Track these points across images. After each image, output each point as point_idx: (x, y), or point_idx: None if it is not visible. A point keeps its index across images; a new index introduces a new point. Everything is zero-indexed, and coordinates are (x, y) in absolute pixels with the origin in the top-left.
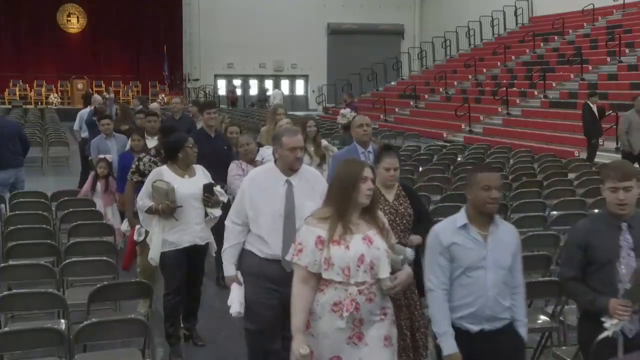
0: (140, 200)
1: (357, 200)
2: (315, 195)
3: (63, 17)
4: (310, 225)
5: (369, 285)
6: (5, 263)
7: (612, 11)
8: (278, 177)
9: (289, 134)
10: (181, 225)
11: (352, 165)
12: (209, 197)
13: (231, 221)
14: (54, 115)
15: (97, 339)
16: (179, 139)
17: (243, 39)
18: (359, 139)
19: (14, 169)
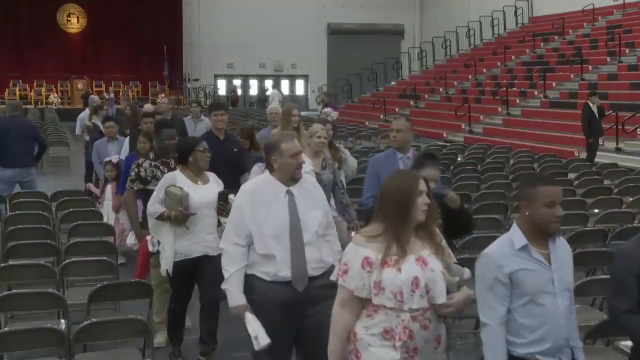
0: (151, 206)
1: (412, 217)
2: (318, 205)
3: (63, 17)
4: (358, 244)
5: (424, 311)
6: (5, 263)
7: (612, 11)
8: (278, 188)
9: (286, 139)
10: (192, 234)
11: (405, 177)
12: (223, 205)
13: (231, 243)
14: (54, 115)
15: (97, 339)
16: (189, 141)
17: (243, 39)
18: (394, 144)
19: (20, 168)
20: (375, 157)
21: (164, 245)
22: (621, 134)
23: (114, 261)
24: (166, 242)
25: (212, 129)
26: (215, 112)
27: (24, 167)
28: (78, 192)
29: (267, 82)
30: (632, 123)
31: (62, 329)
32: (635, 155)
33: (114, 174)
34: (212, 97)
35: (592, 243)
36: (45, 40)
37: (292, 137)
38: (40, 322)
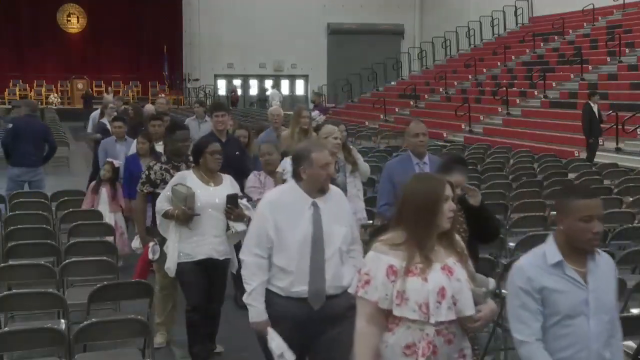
0: (159, 203)
1: (437, 225)
2: (344, 219)
3: (63, 17)
4: (380, 252)
5: (448, 324)
6: (5, 263)
7: (612, 11)
8: (303, 199)
9: (317, 149)
10: (197, 236)
11: (430, 182)
12: (231, 208)
13: (253, 254)
14: (54, 115)
15: (97, 339)
16: (200, 143)
17: (243, 39)
18: (415, 150)
19: (27, 167)
20: (390, 163)
21: (169, 244)
22: (621, 134)
23: (114, 261)
24: (171, 240)
25: (213, 130)
26: (216, 113)
27: (31, 167)
28: (78, 192)
29: (267, 83)
30: (632, 123)
31: (62, 329)
32: (635, 155)
33: (109, 176)
34: (212, 97)
35: None
36: (45, 40)
37: (323, 147)
38: (40, 322)
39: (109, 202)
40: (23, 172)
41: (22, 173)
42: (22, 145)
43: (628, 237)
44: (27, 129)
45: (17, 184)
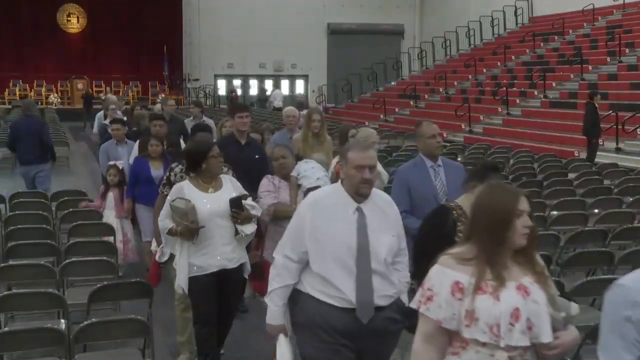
0: (161, 221)
1: (510, 241)
2: (391, 227)
3: (63, 17)
4: (446, 266)
5: (523, 351)
6: (5, 263)
7: (612, 11)
8: (347, 203)
9: (356, 148)
10: (207, 247)
11: (502, 194)
12: (237, 212)
13: (284, 255)
14: (54, 115)
15: (97, 339)
16: (200, 147)
17: (243, 39)
18: (431, 152)
19: (29, 165)
20: (404, 167)
21: (178, 260)
22: (621, 134)
23: (114, 261)
24: (180, 256)
25: (234, 131)
26: (240, 114)
27: (33, 164)
28: (78, 192)
29: (267, 83)
30: (632, 123)
31: (62, 329)
32: (635, 155)
33: (117, 180)
34: (212, 97)
35: (592, 243)
36: (45, 40)
37: (366, 146)
38: (40, 322)
39: (116, 207)
40: (28, 169)
41: (27, 170)
42: (22, 145)
43: (628, 237)
44: (25, 129)
45: (27, 181)
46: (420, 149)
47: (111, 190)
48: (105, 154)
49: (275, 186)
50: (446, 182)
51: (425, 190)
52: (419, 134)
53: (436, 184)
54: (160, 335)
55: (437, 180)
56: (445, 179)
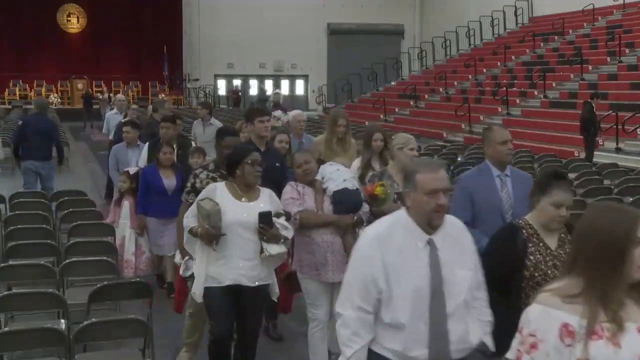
0: (186, 218)
1: (625, 273)
2: (466, 258)
3: (63, 17)
4: (550, 305)
5: None
6: (5, 263)
7: (612, 11)
8: (416, 235)
9: (425, 169)
10: (225, 258)
11: (616, 216)
12: (264, 228)
13: (355, 307)
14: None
15: (97, 339)
16: (237, 152)
17: (243, 39)
18: (501, 159)
19: (35, 161)
20: (467, 174)
21: (196, 265)
22: (621, 134)
23: (114, 261)
24: (197, 260)
25: (252, 138)
26: (260, 119)
27: (40, 160)
28: (78, 192)
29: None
30: (632, 123)
31: (62, 329)
32: (635, 155)
33: (128, 186)
34: (212, 97)
35: None
36: (45, 40)
37: (436, 165)
38: (40, 322)
39: (132, 217)
40: (34, 165)
41: (31, 166)
42: (31, 140)
43: None
44: (35, 126)
45: (31, 175)
46: (488, 156)
47: (126, 199)
48: (115, 158)
49: (299, 193)
50: (513, 194)
51: (490, 202)
52: (489, 139)
53: (502, 195)
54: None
55: (503, 192)
56: (512, 191)
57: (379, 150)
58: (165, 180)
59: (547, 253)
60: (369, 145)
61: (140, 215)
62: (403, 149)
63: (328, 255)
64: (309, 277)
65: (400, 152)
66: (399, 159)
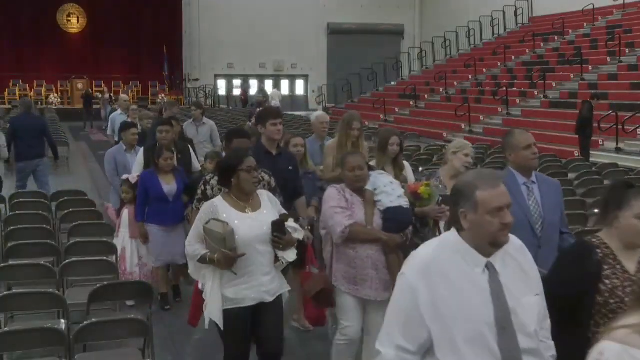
0: (190, 246)
1: None
2: (532, 283)
3: (63, 17)
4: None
5: None
6: (5, 263)
7: (612, 11)
8: (471, 259)
9: (485, 184)
10: (243, 277)
11: None
12: (279, 237)
13: (395, 347)
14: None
15: (97, 339)
16: (231, 158)
17: (243, 39)
18: (526, 165)
19: (28, 160)
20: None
21: (208, 291)
22: (621, 134)
23: (114, 261)
24: (211, 287)
25: (263, 141)
26: (273, 121)
27: (32, 159)
28: (78, 192)
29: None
30: (632, 123)
31: (62, 329)
32: (635, 155)
33: (131, 196)
34: (212, 97)
35: None
36: (45, 40)
37: (495, 178)
38: (40, 322)
39: (131, 225)
40: (27, 165)
41: (26, 166)
42: (22, 141)
43: None
44: (25, 126)
45: (22, 176)
46: (511, 162)
47: (126, 207)
48: (113, 161)
49: (347, 201)
50: (541, 202)
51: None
52: (510, 145)
53: (530, 204)
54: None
55: (530, 201)
56: (540, 199)
57: (394, 156)
58: (165, 185)
59: (625, 277)
60: (385, 150)
61: (140, 223)
62: (457, 154)
63: (370, 272)
64: (345, 291)
65: (454, 157)
66: (452, 164)
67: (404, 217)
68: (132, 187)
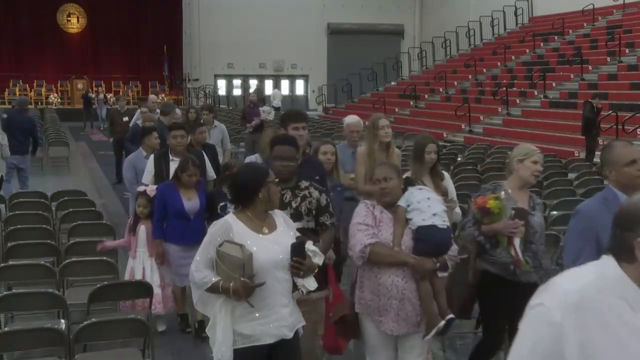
0: (198, 272)
1: None
2: None
3: (63, 17)
4: None
5: None
6: (5, 263)
7: (612, 11)
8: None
9: None
10: (260, 310)
11: None
12: (299, 262)
13: None
14: (54, 115)
15: (97, 339)
16: (256, 171)
17: (243, 39)
18: (630, 183)
19: (17, 155)
20: (589, 206)
21: (217, 327)
22: (621, 134)
23: (114, 261)
24: (221, 322)
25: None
26: (295, 125)
27: (20, 155)
28: (78, 192)
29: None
30: (632, 123)
31: (62, 329)
32: None
33: (147, 212)
34: (212, 97)
35: None
36: (45, 40)
37: None
38: (40, 322)
39: (149, 244)
40: (15, 159)
41: (16, 161)
42: (13, 137)
43: None
44: (16, 122)
45: (12, 171)
46: (612, 181)
47: (143, 223)
48: (132, 169)
49: (375, 219)
50: None
51: None
52: (610, 160)
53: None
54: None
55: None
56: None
57: (431, 165)
58: (186, 201)
59: None
60: (422, 160)
61: (157, 241)
62: (524, 162)
63: (394, 302)
64: (370, 321)
65: (520, 165)
66: (518, 174)
67: (437, 237)
68: (150, 202)
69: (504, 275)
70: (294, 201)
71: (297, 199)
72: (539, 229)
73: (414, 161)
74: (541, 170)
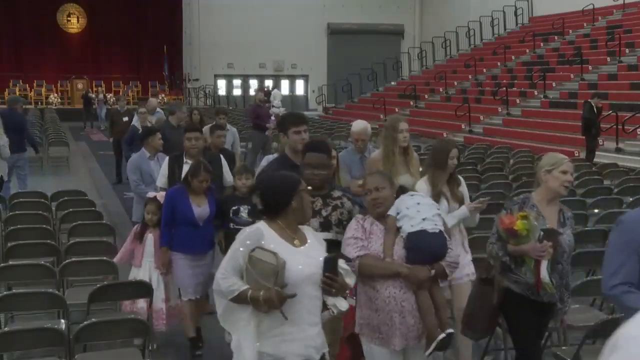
0: (224, 279)
1: None
2: None
3: (63, 17)
4: None
5: None
6: (5, 263)
7: (612, 11)
8: None
9: None
10: (287, 327)
11: None
12: (332, 279)
13: None
14: (54, 115)
15: (97, 339)
16: (289, 181)
17: (243, 39)
18: None
19: (14, 153)
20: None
21: (241, 343)
22: (621, 134)
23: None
24: (246, 337)
25: (287, 151)
26: (296, 129)
27: (16, 153)
28: (78, 192)
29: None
30: (632, 123)
31: (62, 329)
32: (635, 155)
33: (157, 219)
34: (212, 97)
35: (592, 243)
36: (45, 40)
37: None
38: (40, 322)
39: (157, 254)
40: (12, 158)
41: (14, 160)
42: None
43: None
44: (10, 120)
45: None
46: None
47: (150, 231)
48: (138, 171)
49: (365, 231)
50: None
51: None
52: None
53: None
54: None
55: None
56: None
57: (452, 171)
58: (196, 207)
59: None
60: (445, 165)
61: (163, 248)
62: (552, 172)
63: (395, 316)
64: (371, 341)
65: (549, 176)
66: (547, 185)
67: (427, 243)
68: (160, 208)
69: (527, 295)
70: (325, 210)
71: (327, 208)
72: (568, 249)
73: (435, 167)
74: (571, 180)
